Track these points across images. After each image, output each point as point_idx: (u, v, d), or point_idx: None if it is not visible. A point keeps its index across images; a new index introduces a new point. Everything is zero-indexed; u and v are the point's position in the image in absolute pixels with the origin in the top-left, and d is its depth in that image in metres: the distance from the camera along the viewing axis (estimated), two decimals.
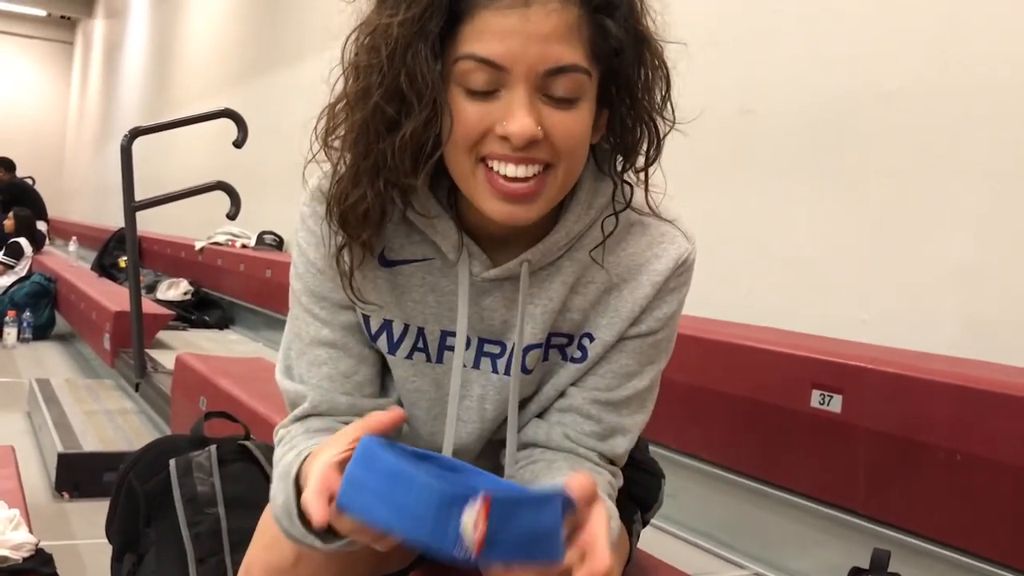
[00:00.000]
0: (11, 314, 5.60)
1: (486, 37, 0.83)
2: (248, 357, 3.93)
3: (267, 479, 1.73)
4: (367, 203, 0.91)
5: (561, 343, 1.03)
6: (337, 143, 0.92)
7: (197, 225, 6.77)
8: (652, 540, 1.45)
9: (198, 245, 6.33)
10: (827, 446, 1.72)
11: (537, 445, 1.05)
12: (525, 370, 1.02)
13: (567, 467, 1.00)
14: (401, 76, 0.84)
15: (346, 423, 0.94)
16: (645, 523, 1.28)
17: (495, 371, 1.03)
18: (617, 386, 1.03)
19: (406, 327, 1.01)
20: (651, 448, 1.36)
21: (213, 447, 1.74)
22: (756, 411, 1.88)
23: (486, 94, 0.85)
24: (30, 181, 9.84)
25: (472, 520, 0.65)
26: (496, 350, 1.02)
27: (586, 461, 1.03)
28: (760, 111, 2.51)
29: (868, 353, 1.76)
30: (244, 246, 6.04)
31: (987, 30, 1.96)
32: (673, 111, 0.94)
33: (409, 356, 1.03)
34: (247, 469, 1.72)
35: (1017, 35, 1.90)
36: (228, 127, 4.16)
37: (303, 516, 0.85)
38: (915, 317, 2.03)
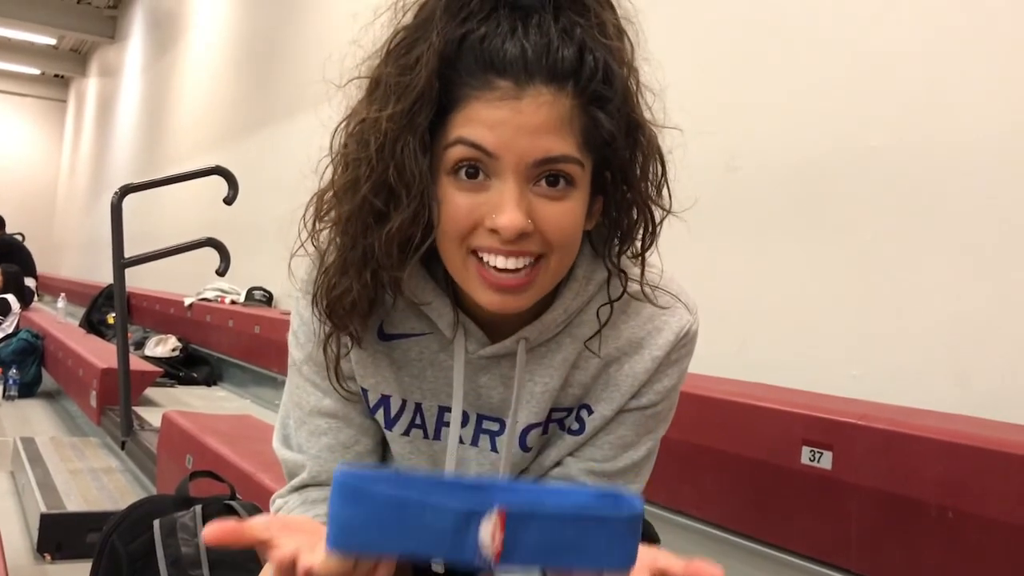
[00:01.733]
0: None
1: (477, 125, 0.82)
2: (236, 414, 3.90)
3: None
4: (354, 294, 0.91)
5: (560, 417, 1.02)
6: (325, 232, 0.92)
7: (186, 281, 6.77)
8: None
9: (187, 301, 6.32)
10: (818, 503, 1.71)
11: None
12: (524, 447, 1.02)
13: None
14: (390, 170, 0.84)
15: None
16: None
17: (494, 449, 1.02)
18: (613, 457, 1.02)
19: (404, 403, 1.01)
20: (646, 506, 1.35)
21: (198, 507, 1.73)
22: (746, 468, 1.87)
23: (475, 183, 0.84)
24: (20, 237, 9.83)
25: (489, 533, 0.64)
26: (495, 427, 1.01)
27: None
28: (746, 167, 2.54)
29: (858, 409, 1.76)
30: (233, 302, 6.04)
31: (967, 88, 2.00)
32: (670, 195, 0.93)
33: (406, 432, 1.02)
34: None
35: (996, 94, 1.93)
36: (218, 184, 4.18)
37: None
38: (905, 373, 2.04)
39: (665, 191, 0.93)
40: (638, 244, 0.95)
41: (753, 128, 2.54)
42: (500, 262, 0.85)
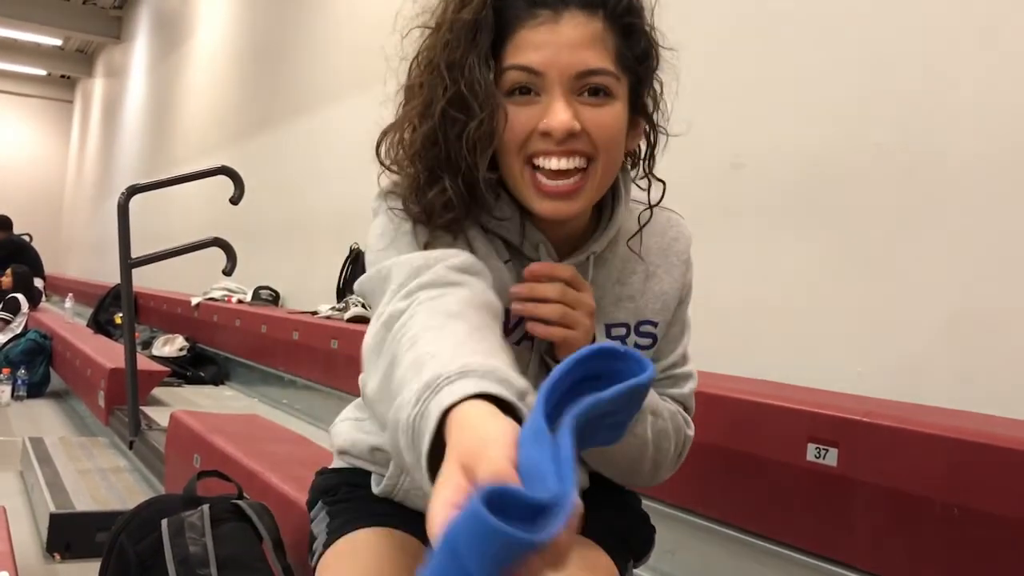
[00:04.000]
0: (6, 371, 5.57)
1: (524, 49, 0.97)
2: (243, 414, 3.91)
3: (260, 539, 1.72)
4: (447, 196, 1.00)
5: (621, 334, 1.14)
6: (404, 155, 1.03)
7: (193, 281, 6.79)
8: None
9: (194, 301, 6.33)
10: (824, 500, 1.71)
11: None
12: None
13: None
14: (461, 84, 0.97)
15: (461, 282, 0.90)
16: (637, 565, 1.29)
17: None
18: (673, 352, 1.17)
19: (507, 314, 1.08)
20: (651, 503, 1.35)
21: (206, 507, 1.73)
22: (752, 465, 1.87)
23: (528, 99, 0.98)
24: (27, 238, 9.86)
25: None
26: None
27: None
28: (750, 165, 2.54)
29: (863, 406, 1.76)
30: (240, 301, 6.05)
31: (972, 85, 2.00)
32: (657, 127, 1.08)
33: (518, 343, 1.09)
34: (240, 529, 1.71)
35: (1000, 91, 1.93)
36: (225, 184, 4.19)
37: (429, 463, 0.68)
38: (911, 369, 2.03)
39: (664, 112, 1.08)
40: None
41: (757, 125, 2.53)
42: (554, 163, 0.98)
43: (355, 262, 4.69)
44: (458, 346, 0.75)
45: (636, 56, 1.01)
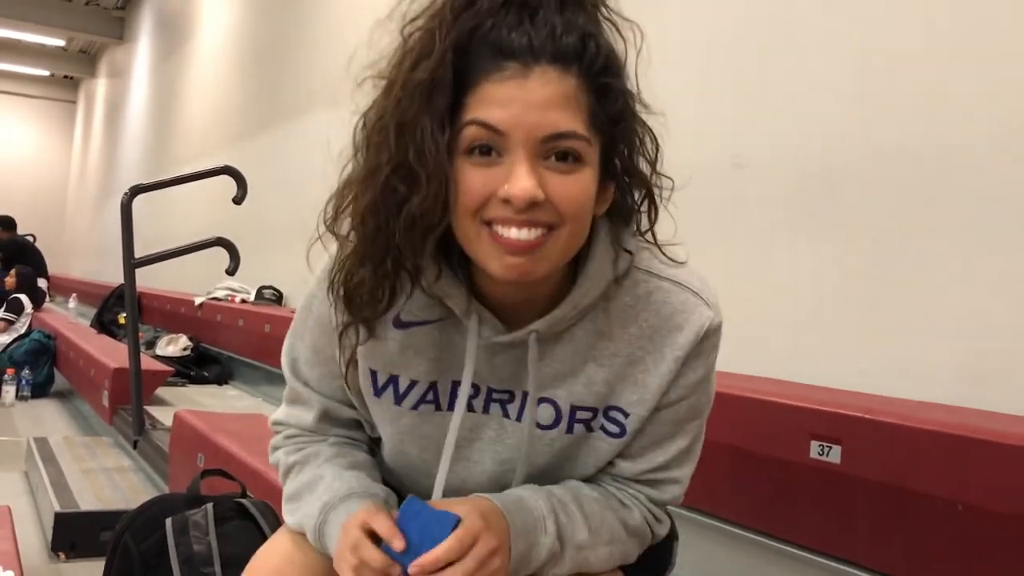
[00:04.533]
0: (10, 372, 5.59)
1: (487, 104, 0.87)
2: (247, 413, 3.92)
3: (264, 537, 1.72)
4: (372, 283, 0.95)
5: (586, 418, 1.05)
6: (345, 225, 0.96)
7: (196, 280, 6.79)
8: None
9: (197, 301, 6.34)
10: (827, 497, 1.71)
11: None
12: (540, 425, 1.06)
13: (581, 488, 1.07)
14: (410, 152, 0.88)
15: (349, 438, 1.16)
16: None
17: (507, 415, 1.06)
18: (658, 452, 1.07)
19: (414, 382, 1.05)
20: None
21: (210, 506, 1.74)
22: (755, 463, 1.87)
23: (489, 160, 0.88)
24: (31, 239, 9.89)
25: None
26: (505, 396, 1.05)
27: (619, 499, 1.09)
28: (751, 165, 2.53)
29: (866, 403, 1.76)
30: (244, 301, 6.06)
31: (974, 85, 1.99)
32: (661, 173, 0.98)
33: (415, 407, 1.06)
34: (244, 527, 1.71)
35: (1002, 90, 1.93)
36: (228, 183, 4.20)
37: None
38: (914, 367, 2.03)
39: (658, 167, 0.99)
40: (644, 222, 1.00)
41: (758, 125, 2.53)
42: (513, 233, 0.88)
43: None
44: (337, 478, 1.09)
45: (611, 117, 0.91)
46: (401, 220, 0.89)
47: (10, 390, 5.51)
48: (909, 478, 1.57)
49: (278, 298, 5.93)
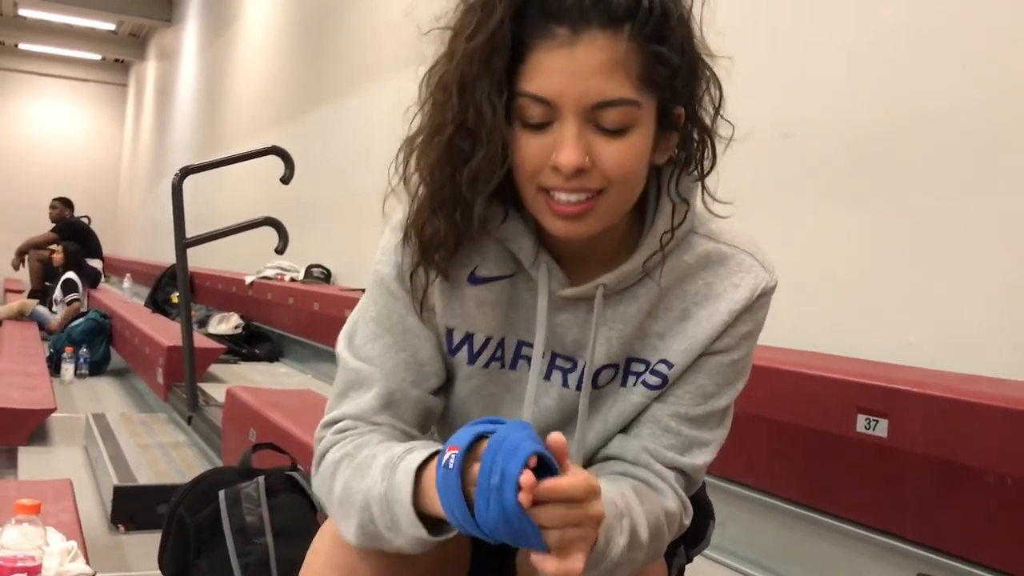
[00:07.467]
0: (68, 350, 5.73)
1: (538, 75, 0.90)
2: (297, 389, 3.99)
3: (314, 509, 1.76)
4: (442, 233, 0.99)
5: (639, 370, 1.07)
6: (415, 177, 1.00)
7: (247, 260, 6.89)
8: (699, 569, 1.44)
9: (248, 280, 6.43)
10: (873, 471, 1.70)
11: (614, 458, 1.09)
12: (595, 385, 1.08)
13: (628, 486, 1.03)
14: (469, 112, 0.93)
15: (406, 433, 1.05)
16: (689, 559, 1.28)
17: (566, 385, 1.08)
18: (696, 404, 1.06)
19: (488, 339, 1.07)
20: None
21: (261, 478, 1.78)
22: (801, 436, 1.87)
23: (542, 128, 0.92)
24: (86, 220, 10.08)
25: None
26: (568, 365, 1.08)
27: (651, 485, 1.05)
28: (800, 134, 2.51)
29: (913, 376, 1.75)
30: (293, 280, 6.13)
31: None
32: (724, 118, 1.00)
33: (487, 365, 1.09)
34: (294, 500, 1.75)
35: None
36: (276, 163, 4.25)
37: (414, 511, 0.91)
38: (962, 339, 2.01)
39: (720, 119, 1.00)
40: (701, 169, 1.02)
41: (807, 94, 2.50)
42: (563, 197, 0.93)
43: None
44: (393, 448, 0.99)
45: (669, 70, 0.92)
46: (465, 174, 0.94)
47: (69, 368, 5.64)
48: (957, 451, 1.55)
49: (326, 276, 6.00)
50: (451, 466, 0.83)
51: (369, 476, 0.96)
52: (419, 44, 0.99)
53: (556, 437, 0.83)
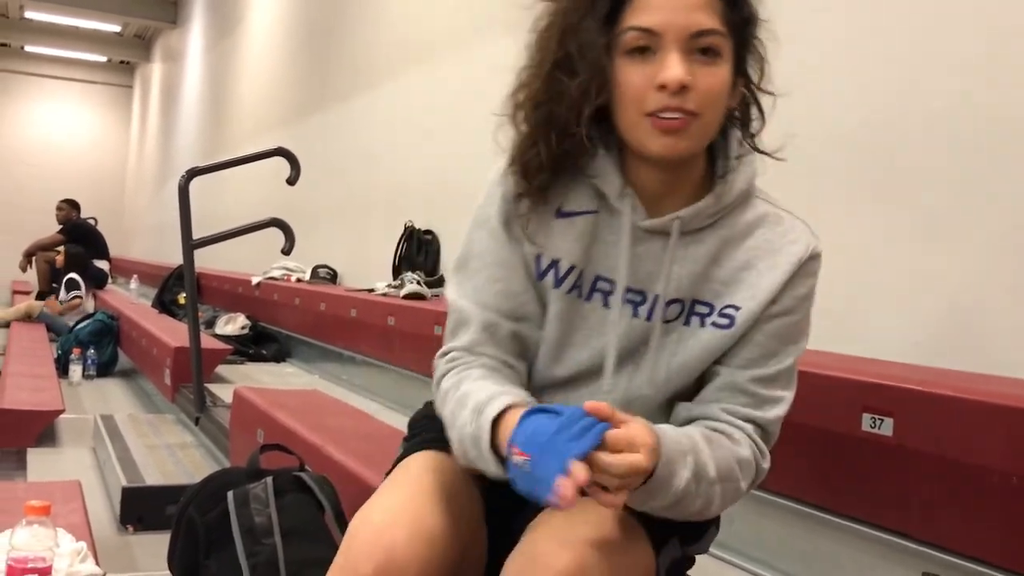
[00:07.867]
0: (76, 351, 5.74)
1: (642, 11, 1.08)
2: (304, 389, 3.99)
3: (321, 509, 1.77)
4: (543, 157, 1.13)
5: (703, 312, 1.19)
6: (520, 113, 1.15)
7: (253, 261, 6.90)
8: (705, 567, 1.45)
9: (254, 280, 6.45)
10: (879, 470, 1.70)
11: (695, 419, 1.19)
12: (666, 320, 1.20)
13: (698, 431, 1.13)
14: (571, 47, 1.09)
15: (504, 362, 1.20)
16: (689, 558, 1.29)
17: (636, 315, 1.20)
18: (765, 363, 1.18)
19: (571, 267, 1.20)
20: None
21: (269, 479, 1.79)
22: (806, 435, 1.87)
23: (645, 58, 1.08)
24: (93, 221, 10.11)
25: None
26: (638, 298, 1.20)
27: (727, 435, 1.15)
28: (803, 133, 2.50)
29: (918, 375, 1.75)
30: (299, 280, 6.15)
31: None
32: (763, 90, 1.19)
33: (569, 292, 1.21)
34: (302, 500, 1.76)
35: None
36: (281, 165, 4.26)
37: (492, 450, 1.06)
38: (967, 339, 2.01)
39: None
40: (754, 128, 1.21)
41: (810, 93, 2.50)
42: (667, 114, 1.07)
43: (409, 239, 4.72)
44: (483, 389, 1.12)
45: (742, 19, 1.11)
46: (566, 102, 1.09)
47: (77, 369, 5.66)
48: (962, 451, 1.56)
49: (332, 277, 6.01)
50: (516, 467, 0.98)
51: (463, 415, 1.10)
52: (421, 47, 1.03)
53: (593, 405, 0.96)
